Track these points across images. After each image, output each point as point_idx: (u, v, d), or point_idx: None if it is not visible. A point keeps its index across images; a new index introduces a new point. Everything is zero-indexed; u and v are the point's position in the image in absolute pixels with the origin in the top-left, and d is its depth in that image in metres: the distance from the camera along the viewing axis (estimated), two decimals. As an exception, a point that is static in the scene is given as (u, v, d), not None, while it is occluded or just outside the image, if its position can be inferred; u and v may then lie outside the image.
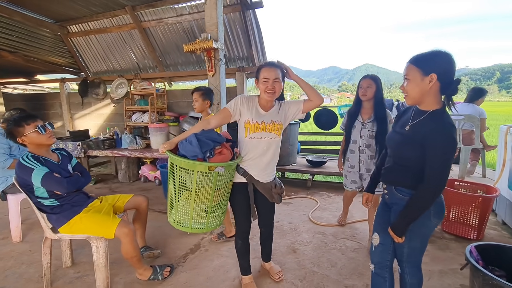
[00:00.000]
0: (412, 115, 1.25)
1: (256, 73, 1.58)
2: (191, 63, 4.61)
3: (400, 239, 1.22)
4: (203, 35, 2.35)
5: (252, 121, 1.56)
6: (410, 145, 1.19)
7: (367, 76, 2.12)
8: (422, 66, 1.13)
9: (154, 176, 4.23)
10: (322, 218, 2.90)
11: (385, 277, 1.35)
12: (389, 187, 1.34)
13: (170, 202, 1.53)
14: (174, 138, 1.52)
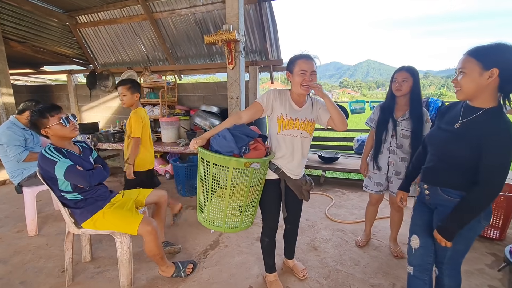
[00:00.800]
0: (462, 112, 1.17)
1: (290, 65, 1.50)
2: (202, 56, 4.53)
3: (449, 243, 1.17)
4: (225, 26, 2.28)
5: (285, 117, 1.50)
6: (462, 144, 1.13)
7: (403, 68, 1.89)
8: (483, 60, 1.04)
9: (165, 170, 4.19)
10: (338, 215, 2.86)
11: (425, 280, 1.30)
12: (433, 187, 1.27)
13: (201, 200, 1.46)
14: (205, 134, 1.44)
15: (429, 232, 1.29)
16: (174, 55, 4.65)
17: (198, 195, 1.48)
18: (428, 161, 1.31)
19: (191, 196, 3.44)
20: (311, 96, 1.66)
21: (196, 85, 4.52)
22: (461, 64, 1.11)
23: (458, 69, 1.12)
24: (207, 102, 4.43)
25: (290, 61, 1.51)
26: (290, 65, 1.50)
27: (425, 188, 1.31)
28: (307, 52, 1.50)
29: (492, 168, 1.05)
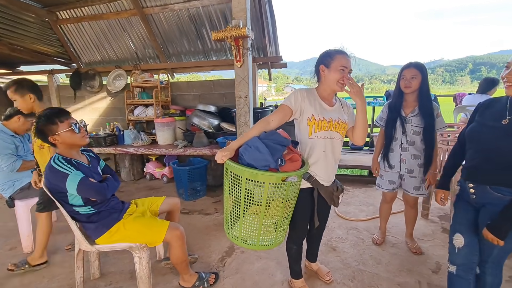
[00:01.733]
0: (509, 108, 1.16)
1: (325, 58, 1.39)
2: (196, 53, 4.36)
3: (502, 242, 1.15)
4: (234, 22, 2.16)
5: (318, 117, 1.40)
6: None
7: (411, 64, 1.87)
8: None
9: (162, 174, 4.01)
10: (349, 213, 2.86)
11: (469, 280, 1.28)
12: (480, 186, 1.24)
13: (231, 217, 1.32)
14: (232, 144, 1.29)
15: (474, 230, 1.28)
16: (166, 52, 4.44)
17: (227, 210, 1.34)
18: (471, 158, 1.28)
19: (194, 200, 3.31)
20: (338, 97, 1.59)
21: (191, 84, 4.34)
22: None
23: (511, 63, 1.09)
24: (203, 101, 4.27)
25: (327, 54, 1.40)
26: (326, 58, 1.39)
27: (470, 187, 1.28)
28: (345, 49, 1.40)
29: None
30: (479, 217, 1.27)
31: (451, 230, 1.37)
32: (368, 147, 4.61)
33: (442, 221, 2.63)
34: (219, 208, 3.04)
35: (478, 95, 3.54)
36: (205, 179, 3.45)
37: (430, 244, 2.25)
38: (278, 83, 75.96)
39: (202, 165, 3.33)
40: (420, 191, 2.02)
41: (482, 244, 1.27)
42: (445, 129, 1.95)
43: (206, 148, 3.36)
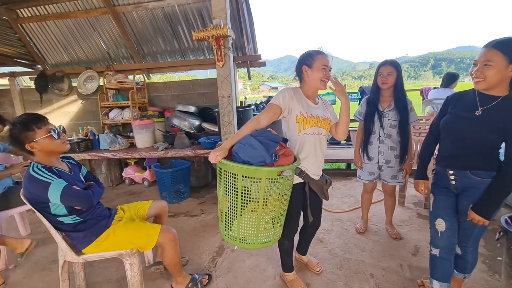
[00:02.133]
0: (479, 100, 1.26)
1: (306, 59, 1.47)
2: (173, 53, 4.26)
3: (487, 221, 1.26)
4: (215, 22, 2.15)
5: (306, 114, 1.46)
6: (486, 128, 1.22)
7: (387, 62, 2.00)
8: (509, 54, 1.13)
9: (142, 178, 3.89)
10: (332, 205, 2.97)
11: (451, 260, 1.40)
12: (462, 171, 1.34)
13: (228, 217, 1.32)
14: (225, 143, 1.30)
15: (454, 214, 1.39)
16: (141, 52, 4.29)
17: (223, 211, 1.34)
18: (449, 148, 1.38)
19: (179, 202, 3.25)
20: (320, 96, 1.66)
21: (169, 84, 4.24)
22: (486, 57, 1.18)
23: (483, 61, 1.18)
24: (182, 101, 4.20)
25: (308, 55, 1.46)
26: (308, 59, 1.46)
27: (450, 173, 1.38)
28: (323, 49, 1.49)
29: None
30: (459, 202, 1.39)
31: (432, 216, 1.46)
32: (345, 141, 4.80)
33: (416, 207, 2.83)
34: (205, 209, 3.02)
35: (442, 89, 3.83)
36: (189, 181, 3.41)
37: (408, 229, 2.42)
38: (253, 81, 76.09)
39: (185, 167, 3.28)
40: (397, 180, 2.16)
41: (464, 226, 1.39)
42: (417, 122, 2.10)
43: (188, 149, 3.32)
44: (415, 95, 5.36)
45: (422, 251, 2.09)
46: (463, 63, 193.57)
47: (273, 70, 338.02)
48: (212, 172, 3.95)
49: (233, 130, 2.50)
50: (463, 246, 1.43)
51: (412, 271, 1.87)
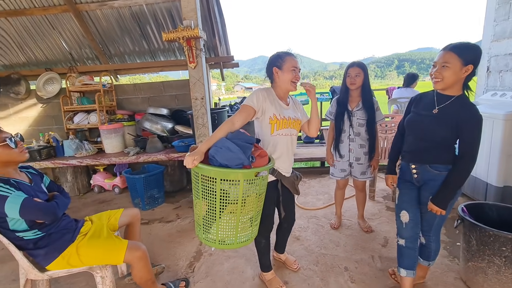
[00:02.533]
0: (436, 100, 1.38)
1: (276, 61, 1.50)
2: (142, 54, 4.11)
3: (444, 211, 1.37)
4: (185, 23, 2.10)
5: (279, 116, 1.50)
6: (442, 125, 1.33)
7: (354, 64, 2.09)
8: (464, 56, 1.23)
9: (113, 185, 3.71)
10: (307, 203, 3.05)
11: (415, 248, 1.50)
12: (422, 166, 1.44)
13: (206, 221, 1.31)
14: (201, 147, 1.28)
15: (417, 206, 1.50)
16: (107, 53, 4.08)
17: (200, 215, 1.33)
18: (411, 144, 1.49)
19: (153, 208, 3.15)
20: (291, 96, 1.71)
21: (139, 86, 4.08)
22: (444, 59, 1.28)
23: (441, 63, 1.29)
24: (154, 104, 4.07)
25: (278, 57, 1.49)
26: (278, 60, 1.49)
27: (413, 167, 1.49)
28: (291, 51, 1.53)
29: (472, 143, 1.29)
30: (421, 194, 1.49)
31: (397, 208, 1.56)
32: (318, 140, 4.95)
33: (385, 200, 2.99)
34: (180, 214, 2.95)
35: (404, 89, 4.09)
36: (163, 186, 3.31)
37: (378, 222, 2.55)
38: (227, 82, 75.61)
39: (159, 172, 3.18)
40: (366, 175, 2.27)
41: (426, 217, 1.50)
42: (383, 120, 2.22)
43: (161, 153, 3.22)
44: (382, 94, 5.68)
45: (391, 242, 2.22)
46: (423, 64, 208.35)
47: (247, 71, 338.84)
48: (187, 176, 3.87)
49: (208, 132, 2.47)
50: (427, 235, 1.54)
51: (383, 262, 1.98)
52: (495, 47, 3.22)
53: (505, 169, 2.28)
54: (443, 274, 1.82)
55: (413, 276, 1.53)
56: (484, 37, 3.37)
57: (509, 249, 1.45)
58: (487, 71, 3.34)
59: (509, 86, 3.03)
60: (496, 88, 3.19)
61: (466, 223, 1.63)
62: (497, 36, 3.18)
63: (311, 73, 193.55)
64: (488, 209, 1.76)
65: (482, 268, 1.57)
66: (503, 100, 2.69)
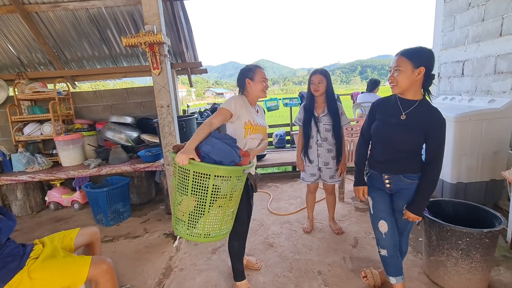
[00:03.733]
0: (401, 105, 1.40)
1: (247, 73, 1.67)
2: (102, 59, 3.87)
3: (420, 217, 1.40)
4: (147, 27, 2.00)
5: (253, 123, 1.65)
6: (412, 131, 1.35)
7: (317, 71, 2.16)
8: (414, 60, 1.29)
9: (72, 200, 3.41)
10: (280, 208, 3.05)
11: (397, 255, 1.52)
12: (396, 176, 1.45)
13: (193, 216, 1.38)
14: (189, 145, 1.36)
15: (392, 213, 1.52)
16: (62, 58, 3.79)
17: (186, 212, 1.38)
18: (382, 153, 1.48)
19: (118, 223, 2.93)
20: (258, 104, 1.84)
21: (100, 93, 3.83)
22: (396, 63, 1.33)
23: (394, 67, 1.34)
24: (117, 112, 3.84)
25: (249, 70, 1.67)
26: (249, 73, 1.67)
27: (386, 178, 1.49)
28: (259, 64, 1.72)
29: (438, 146, 1.34)
30: (395, 201, 1.52)
31: (374, 218, 1.56)
32: (289, 144, 5.03)
33: (354, 201, 3.10)
34: (149, 228, 2.78)
35: (368, 94, 4.32)
36: (128, 199, 3.11)
37: (348, 223, 2.63)
38: (198, 88, 74.41)
39: (123, 184, 2.98)
40: (335, 179, 2.33)
41: (399, 223, 1.53)
42: (349, 124, 2.31)
43: (126, 164, 3.04)
44: (347, 98, 5.95)
45: (360, 242, 2.28)
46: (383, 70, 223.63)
47: (218, 76, 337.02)
48: (156, 186, 3.69)
49: (175, 141, 2.37)
50: (399, 239, 1.57)
51: (354, 262, 2.03)
52: (443, 55, 3.53)
53: (457, 167, 2.48)
54: (409, 269, 1.91)
55: (402, 280, 1.54)
56: (434, 46, 3.68)
57: (464, 243, 1.56)
58: (438, 77, 3.64)
59: (457, 90, 3.33)
60: (447, 93, 3.49)
61: (427, 220, 1.73)
62: (445, 45, 3.50)
63: (281, 79, 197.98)
64: (445, 205, 1.89)
65: (442, 261, 1.68)
66: (453, 103, 2.94)
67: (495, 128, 2.42)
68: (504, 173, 1.94)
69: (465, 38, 3.16)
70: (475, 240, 1.54)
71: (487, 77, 2.91)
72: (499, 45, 2.74)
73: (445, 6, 3.44)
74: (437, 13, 3.58)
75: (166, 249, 2.35)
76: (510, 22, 2.62)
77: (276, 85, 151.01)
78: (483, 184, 2.52)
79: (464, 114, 2.41)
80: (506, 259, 1.93)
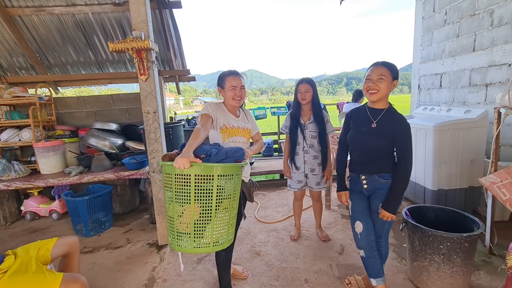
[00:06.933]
0: (370, 114, 1.52)
1: (220, 81, 1.66)
2: (88, 64, 3.80)
3: (394, 216, 1.47)
4: (135, 33, 1.99)
5: (229, 125, 1.63)
6: (383, 137, 1.46)
7: (304, 80, 2.22)
8: (393, 72, 1.42)
9: (50, 210, 3.25)
10: (267, 216, 3.03)
11: (375, 256, 1.55)
12: (371, 176, 1.55)
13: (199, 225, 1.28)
14: (187, 149, 1.27)
15: (369, 215, 1.57)
16: (45, 62, 3.69)
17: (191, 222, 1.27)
18: (358, 157, 1.59)
19: (99, 234, 2.82)
20: (243, 108, 1.83)
21: (83, 99, 3.74)
22: (379, 71, 1.43)
23: (378, 75, 1.42)
24: (101, 118, 3.76)
25: (220, 78, 1.67)
26: (220, 81, 1.66)
27: (363, 178, 1.58)
28: (235, 69, 1.68)
29: (405, 147, 1.44)
30: (372, 202, 1.58)
31: (351, 219, 1.63)
32: (277, 152, 5.05)
33: (340, 209, 3.13)
34: (131, 238, 2.69)
35: (353, 104, 4.45)
36: (111, 208, 3.00)
37: (334, 230, 2.64)
38: (186, 96, 74.02)
39: (105, 192, 2.89)
40: (321, 186, 2.35)
41: (376, 224, 1.58)
42: (333, 132, 2.36)
43: (109, 172, 2.94)
44: (333, 108, 6.08)
45: (347, 249, 2.30)
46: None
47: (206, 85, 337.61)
48: (140, 195, 3.59)
49: (161, 148, 2.33)
50: (378, 241, 1.62)
51: (340, 270, 2.03)
52: (423, 68, 3.70)
53: (438, 174, 2.57)
54: (393, 276, 1.93)
55: (383, 282, 1.58)
56: (414, 59, 3.86)
57: (445, 247, 1.61)
58: (418, 89, 3.81)
59: (436, 101, 3.49)
60: (426, 103, 3.65)
61: (410, 226, 1.76)
62: (424, 58, 3.67)
63: (269, 89, 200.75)
64: (427, 211, 1.94)
65: (425, 266, 1.71)
66: (432, 113, 3.07)
67: (471, 137, 2.54)
68: (481, 179, 2.01)
69: (442, 52, 3.34)
70: (456, 245, 1.58)
71: (463, 89, 3.07)
72: (473, 59, 2.91)
73: (423, 23, 3.64)
74: (416, 29, 3.78)
75: (149, 259, 2.27)
76: (482, 38, 2.80)
77: (265, 94, 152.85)
78: (462, 190, 2.62)
79: (442, 123, 2.52)
80: (486, 263, 1.99)
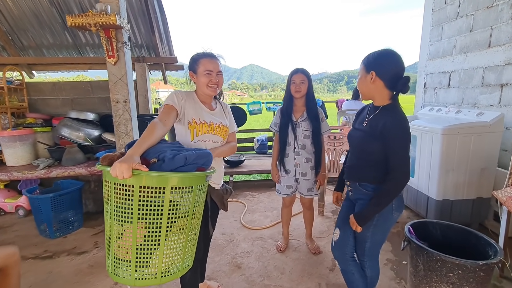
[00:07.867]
0: (368, 112, 1.31)
1: (192, 64, 1.35)
2: (65, 47, 3.48)
3: (360, 228, 1.24)
4: (100, 6, 1.67)
5: (198, 120, 1.32)
6: (371, 139, 1.23)
7: (299, 70, 1.91)
8: (366, 64, 1.23)
9: (16, 206, 2.96)
10: (254, 221, 2.76)
11: (351, 271, 1.36)
12: (353, 183, 1.35)
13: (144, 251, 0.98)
14: (133, 153, 0.97)
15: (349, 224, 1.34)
16: (18, 43, 3.36)
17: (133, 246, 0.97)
18: (349, 159, 1.41)
19: (65, 235, 2.54)
20: (220, 101, 1.53)
21: (59, 85, 3.41)
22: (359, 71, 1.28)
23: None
24: (78, 107, 3.44)
25: (192, 60, 1.36)
26: (192, 64, 1.35)
27: (347, 184, 1.40)
28: (211, 50, 1.35)
29: (395, 158, 1.16)
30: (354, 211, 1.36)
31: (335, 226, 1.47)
32: (271, 150, 4.78)
33: (334, 216, 2.86)
34: (100, 241, 2.41)
35: (353, 101, 4.16)
36: (81, 206, 2.72)
37: (326, 241, 2.37)
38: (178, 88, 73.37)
39: (74, 189, 2.60)
40: (313, 192, 2.08)
41: (357, 239, 1.35)
42: (329, 131, 2.07)
43: (82, 166, 2.65)
44: (332, 105, 5.79)
45: (339, 265, 2.03)
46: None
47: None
48: (118, 192, 3.30)
49: (133, 142, 2.05)
50: (361, 260, 1.40)
51: (330, 290, 1.77)
52: (430, 66, 3.41)
53: (444, 183, 2.30)
54: (391, 300, 1.67)
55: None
56: (421, 56, 3.57)
57: (456, 276, 1.34)
58: (424, 88, 3.53)
59: (443, 102, 3.21)
60: (432, 104, 3.37)
61: (413, 246, 1.50)
62: (432, 55, 3.38)
63: (270, 84, 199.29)
64: (432, 228, 1.68)
65: (429, 295, 1.45)
66: (440, 115, 2.79)
67: (484, 143, 2.26)
68: (496, 193, 1.75)
69: (452, 48, 3.05)
70: (469, 274, 1.32)
71: (474, 89, 2.79)
72: (488, 57, 2.63)
73: (433, 16, 3.34)
74: (425, 23, 3.47)
75: (115, 269, 1.99)
76: (500, 33, 2.51)
77: (265, 90, 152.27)
78: (469, 202, 2.36)
79: (452, 126, 2.24)
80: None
